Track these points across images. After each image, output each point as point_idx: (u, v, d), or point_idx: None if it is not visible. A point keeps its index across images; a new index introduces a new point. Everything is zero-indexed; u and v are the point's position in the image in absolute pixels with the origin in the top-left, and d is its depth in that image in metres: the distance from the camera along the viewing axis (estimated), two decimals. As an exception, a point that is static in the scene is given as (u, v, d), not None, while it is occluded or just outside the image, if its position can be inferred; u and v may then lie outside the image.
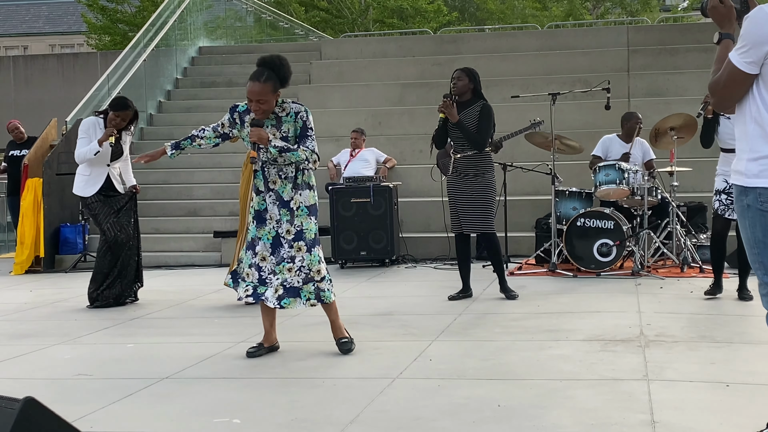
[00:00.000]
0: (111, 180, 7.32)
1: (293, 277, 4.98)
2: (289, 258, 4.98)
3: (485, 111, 6.75)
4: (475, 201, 6.77)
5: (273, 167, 5.02)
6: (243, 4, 18.70)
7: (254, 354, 5.07)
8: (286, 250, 4.99)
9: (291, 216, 5.01)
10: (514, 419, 3.71)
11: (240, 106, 5.12)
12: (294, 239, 4.99)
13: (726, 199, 6.52)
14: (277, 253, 5.01)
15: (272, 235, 5.02)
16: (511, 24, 30.39)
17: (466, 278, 7.03)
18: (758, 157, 3.00)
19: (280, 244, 5.01)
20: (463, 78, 6.79)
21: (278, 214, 5.01)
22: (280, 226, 5.02)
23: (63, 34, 48.55)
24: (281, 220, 5.01)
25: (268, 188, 5.04)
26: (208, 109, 14.02)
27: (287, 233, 5.00)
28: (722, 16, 3.13)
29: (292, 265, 4.97)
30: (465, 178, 6.79)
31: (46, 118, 11.88)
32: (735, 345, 5.08)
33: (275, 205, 5.02)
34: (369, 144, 11.05)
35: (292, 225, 5.00)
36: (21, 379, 4.82)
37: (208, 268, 9.97)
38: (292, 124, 4.99)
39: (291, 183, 5.02)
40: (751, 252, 3.10)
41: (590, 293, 7.12)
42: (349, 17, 30.49)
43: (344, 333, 5.18)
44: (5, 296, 8.33)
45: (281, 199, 5.02)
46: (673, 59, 13.31)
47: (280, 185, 5.02)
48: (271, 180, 5.03)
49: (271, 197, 5.03)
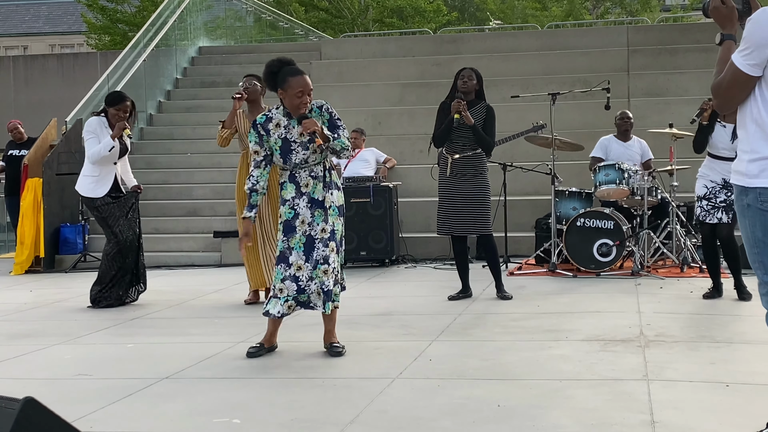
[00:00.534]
0: (117, 180, 7.33)
1: (328, 279, 4.94)
2: (323, 259, 4.93)
3: (491, 113, 6.79)
4: (474, 201, 6.75)
5: (304, 171, 4.97)
6: (243, 4, 18.70)
7: (255, 354, 5.07)
8: (320, 250, 4.94)
9: (325, 215, 4.97)
10: (513, 419, 3.71)
11: (258, 119, 5.02)
12: (329, 239, 4.96)
13: (707, 205, 6.57)
14: (311, 258, 4.94)
15: (303, 241, 4.96)
16: (512, 24, 30.39)
17: (465, 278, 7.03)
18: (758, 158, 3.01)
19: (312, 247, 4.94)
20: (473, 77, 6.80)
21: (311, 216, 4.95)
22: (313, 227, 4.95)
23: (63, 34, 48.54)
24: (314, 222, 4.95)
25: (300, 193, 4.97)
26: (208, 109, 14.02)
27: (322, 232, 4.95)
28: (724, 17, 3.13)
29: (327, 267, 4.92)
30: (463, 179, 6.77)
31: (46, 118, 11.88)
32: (735, 345, 5.08)
33: (308, 208, 4.96)
34: (369, 144, 11.05)
35: (327, 224, 4.96)
36: (21, 379, 4.82)
37: (208, 268, 9.98)
38: (319, 119, 4.98)
39: (321, 182, 4.99)
40: (751, 251, 3.10)
41: (590, 293, 7.12)
42: (348, 17, 30.49)
43: (336, 339, 5.16)
44: (5, 296, 8.33)
45: (314, 200, 4.97)
46: (673, 59, 13.30)
47: (311, 186, 4.97)
48: (303, 184, 4.97)
49: (304, 201, 4.97)
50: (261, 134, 4.98)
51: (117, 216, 7.23)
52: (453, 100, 6.73)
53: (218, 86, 14.83)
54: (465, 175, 6.77)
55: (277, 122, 4.96)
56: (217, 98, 14.25)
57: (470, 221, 6.78)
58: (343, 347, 5.11)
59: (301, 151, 4.94)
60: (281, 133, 4.95)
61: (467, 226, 6.80)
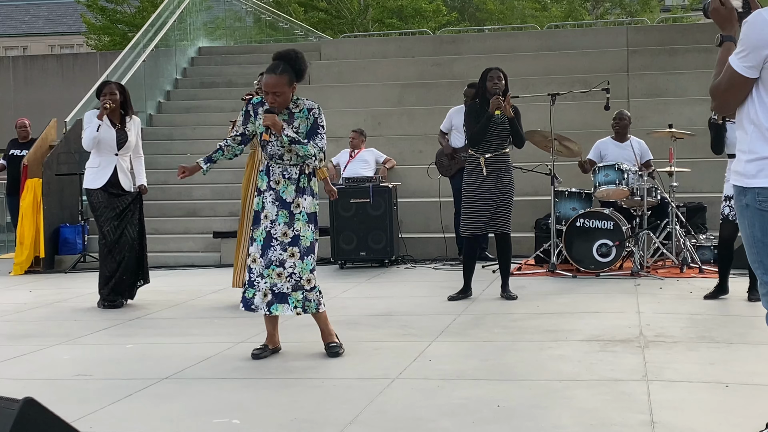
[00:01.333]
0: (118, 174, 7.29)
1: (283, 282, 4.95)
2: (279, 262, 4.94)
3: (518, 111, 6.94)
4: (502, 200, 6.84)
5: (278, 166, 5.01)
6: (242, 4, 18.70)
7: (260, 356, 5.06)
8: (277, 252, 4.95)
9: (290, 219, 4.98)
10: (513, 419, 3.71)
11: (255, 98, 5.15)
12: (289, 244, 4.96)
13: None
14: (265, 256, 4.97)
15: (263, 236, 5.00)
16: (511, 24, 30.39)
17: (469, 279, 7.03)
18: (756, 158, 3.02)
19: (270, 245, 4.97)
20: (502, 78, 6.91)
21: (275, 215, 4.98)
22: (275, 226, 4.98)
23: (62, 34, 48.53)
24: (277, 220, 4.98)
25: (269, 187, 5.02)
26: (207, 109, 14.02)
27: (283, 235, 4.96)
28: (723, 18, 3.14)
29: (281, 270, 4.94)
30: (495, 178, 6.83)
31: (46, 119, 11.88)
32: (734, 345, 5.08)
33: (274, 204, 5.00)
34: (368, 144, 11.05)
35: (290, 228, 4.97)
36: (20, 380, 4.82)
37: (208, 269, 9.98)
38: (304, 120, 5.00)
39: (294, 185, 5.01)
40: (750, 251, 3.11)
41: (590, 294, 7.12)
42: (348, 17, 30.48)
43: (334, 338, 5.16)
44: (5, 297, 8.32)
45: (281, 199, 5.00)
46: (672, 60, 13.30)
47: (282, 185, 5.00)
48: (274, 180, 5.02)
49: (271, 196, 5.01)
50: (249, 114, 5.09)
51: (107, 216, 7.23)
52: (481, 100, 6.88)
53: (218, 87, 14.83)
54: (496, 174, 6.83)
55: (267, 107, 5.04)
56: (217, 98, 14.26)
57: (495, 219, 6.85)
58: (340, 346, 5.11)
59: (276, 144, 4.97)
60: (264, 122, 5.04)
61: (491, 224, 6.87)
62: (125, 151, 7.34)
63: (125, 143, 7.32)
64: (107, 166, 7.26)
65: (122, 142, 7.30)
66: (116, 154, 7.28)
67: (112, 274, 7.25)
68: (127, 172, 7.38)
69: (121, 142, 7.29)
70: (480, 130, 6.84)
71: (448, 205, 9.66)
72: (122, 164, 7.33)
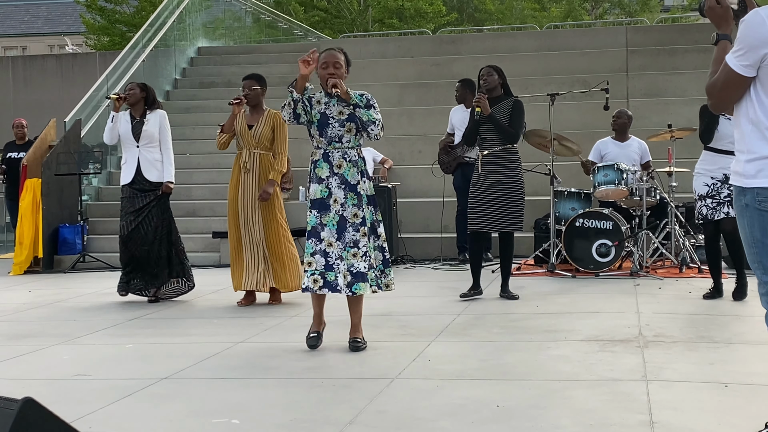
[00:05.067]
0: (141, 167, 7.34)
1: (358, 262, 5.08)
2: (353, 242, 5.08)
3: (517, 106, 6.88)
4: (502, 197, 6.80)
5: (337, 151, 5.16)
6: (242, 4, 18.70)
7: (316, 345, 5.18)
8: (351, 233, 5.09)
9: (359, 200, 5.13)
10: (513, 420, 3.71)
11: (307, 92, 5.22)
12: (360, 224, 5.12)
13: (711, 203, 6.51)
14: (342, 238, 5.10)
15: (336, 220, 5.11)
16: (510, 24, 30.39)
17: (478, 276, 7.02)
18: (755, 158, 3.02)
19: (345, 228, 5.11)
20: (492, 74, 6.90)
21: (344, 197, 5.12)
22: (345, 209, 5.11)
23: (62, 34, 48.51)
24: (347, 204, 5.12)
25: (333, 173, 5.15)
26: (207, 109, 14.02)
27: (354, 217, 5.11)
28: (719, 17, 3.14)
29: (356, 250, 5.08)
30: (493, 174, 6.81)
31: (45, 119, 11.88)
32: (734, 345, 5.09)
33: (340, 188, 5.13)
34: (367, 144, 11.05)
35: (359, 209, 5.12)
36: (20, 380, 4.82)
37: (207, 269, 9.97)
38: (360, 99, 5.18)
39: (356, 167, 5.18)
40: (749, 251, 3.11)
41: (589, 294, 7.13)
42: (348, 17, 30.49)
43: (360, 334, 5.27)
44: (4, 297, 8.32)
45: (347, 182, 5.14)
46: (671, 60, 13.31)
47: (345, 168, 5.16)
48: (336, 164, 5.16)
49: (336, 181, 5.14)
50: (305, 104, 5.19)
51: (127, 211, 7.40)
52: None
53: (217, 87, 14.83)
54: (495, 170, 6.82)
55: (318, 99, 5.24)
56: (216, 99, 14.25)
57: (497, 217, 6.81)
58: (364, 342, 5.21)
59: (337, 126, 5.16)
60: (321, 108, 5.21)
61: (493, 222, 6.83)
62: (146, 142, 7.38)
63: (141, 133, 7.37)
64: (131, 161, 7.41)
65: (138, 133, 7.36)
66: (137, 146, 7.37)
67: (125, 266, 7.47)
68: (154, 162, 7.42)
69: (137, 134, 7.36)
70: (468, 131, 6.98)
71: (449, 205, 9.66)
72: (147, 156, 7.39)
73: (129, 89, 7.48)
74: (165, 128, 7.49)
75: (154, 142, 7.40)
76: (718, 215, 6.50)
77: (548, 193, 8.46)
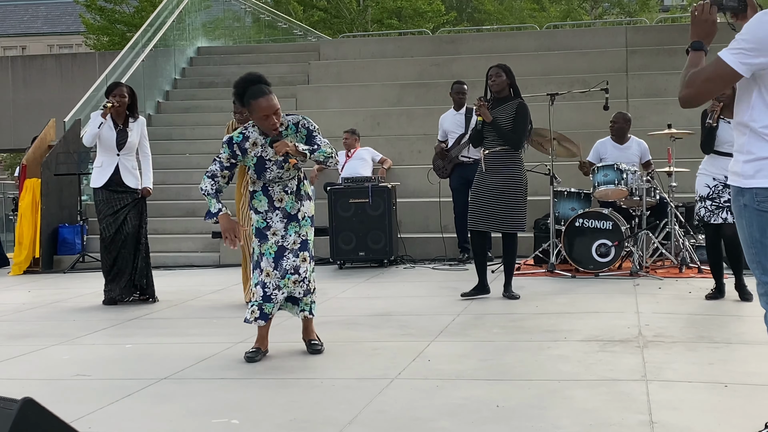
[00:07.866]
0: (120, 173, 7.36)
1: (297, 288, 5.00)
2: (293, 268, 4.96)
3: (521, 109, 6.81)
4: (501, 198, 6.79)
5: (277, 185, 4.98)
6: (241, 4, 18.71)
7: (254, 359, 5.02)
8: (291, 260, 4.96)
9: (298, 226, 5.01)
10: (512, 420, 3.71)
11: (234, 138, 4.91)
12: (300, 249, 4.99)
13: (711, 205, 6.51)
14: (279, 267, 4.97)
15: (274, 249, 4.98)
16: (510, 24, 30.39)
17: (483, 275, 7.01)
18: (753, 158, 3.02)
19: (282, 256, 4.97)
20: (501, 74, 6.86)
21: (284, 229, 4.98)
22: (286, 239, 4.98)
23: (61, 34, 48.55)
24: (287, 234, 4.98)
25: (273, 207, 4.99)
26: (206, 109, 14.02)
27: (293, 243, 4.98)
28: (707, 29, 3.16)
29: (297, 276, 4.97)
30: (493, 174, 6.81)
31: (45, 119, 11.89)
32: (733, 345, 5.08)
33: (282, 222, 4.99)
34: (368, 144, 11.05)
35: (299, 235, 5.00)
36: (19, 380, 4.82)
37: (207, 269, 9.98)
38: (295, 136, 4.93)
39: (295, 195, 5.02)
40: (748, 252, 3.11)
41: (589, 294, 7.13)
42: (347, 17, 30.49)
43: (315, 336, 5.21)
44: (4, 297, 8.32)
45: (288, 215, 5.00)
46: (671, 60, 13.29)
47: (287, 201, 5.00)
48: (277, 198, 4.99)
49: (277, 215, 4.99)
50: (236, 154, 4.89)
51: (105, 213, 7.39)
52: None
53: (217, 86, 14.83)
54: (495, 171, 6.81)
55: (253, 141, 4.89)
56: (216, 98, 14.25)
57: (495, 217, 6.80)
58: (321, 344, 5.16)
59: (275, 170, 4.93)
60: (257, 151, 4.89)
61: (492, 222, 6.82)
62: (127, 152, 7.42)
63: (125, 144, 7.38)
64: (109, 166, 7.37)
65: (122, 143, 7.37)
66: (118, 155, 7.37)
67: (108, 269, 7.41)
68: (132, 170, 7.45)
69: (121, 143, 7.37)
70: (472, 138, 7.10)
71: (447, 206, 9.66)
72: (126, 164, 7.42)
73: (119, 95, 7.34)
74: (145, 137, 7.55)
75: (133, 151, 7.47)
76: (715, 219, 6.51)
77: (548, 193, 8.46)
